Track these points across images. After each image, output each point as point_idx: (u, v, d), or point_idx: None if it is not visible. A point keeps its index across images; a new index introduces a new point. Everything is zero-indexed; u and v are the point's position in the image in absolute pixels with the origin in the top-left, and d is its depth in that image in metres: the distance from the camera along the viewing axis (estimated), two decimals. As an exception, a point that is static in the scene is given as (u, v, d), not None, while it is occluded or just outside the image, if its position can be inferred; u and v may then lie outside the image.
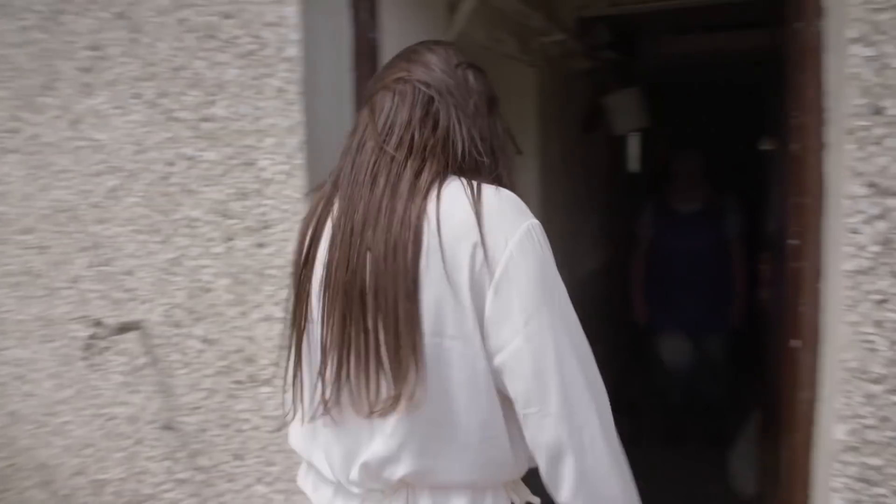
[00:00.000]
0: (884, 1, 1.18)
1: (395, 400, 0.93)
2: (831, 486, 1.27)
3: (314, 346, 1.03)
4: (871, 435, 1.24)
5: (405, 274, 0.91)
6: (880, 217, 1.21)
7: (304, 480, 1.16)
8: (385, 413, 0.95)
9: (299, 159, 1.58)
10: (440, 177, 0.98)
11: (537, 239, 0.95)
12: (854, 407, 1.24)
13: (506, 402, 0.97)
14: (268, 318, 1.66)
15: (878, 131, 1.20)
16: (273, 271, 1.64)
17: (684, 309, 3.60)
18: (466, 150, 1.01)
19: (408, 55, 1.09)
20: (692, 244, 3.52)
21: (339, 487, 1.06)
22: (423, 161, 0.98)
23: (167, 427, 1.80)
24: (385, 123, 1.02)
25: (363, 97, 1.12)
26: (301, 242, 1.07)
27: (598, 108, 3.70)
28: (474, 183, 0.96)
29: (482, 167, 1.03)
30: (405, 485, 1.00)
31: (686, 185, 3.53)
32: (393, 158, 0.98)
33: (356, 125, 1.08)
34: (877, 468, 1.24)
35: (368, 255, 0.94)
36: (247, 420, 1.72)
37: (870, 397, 1.23)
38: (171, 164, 1.71)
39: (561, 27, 2.87)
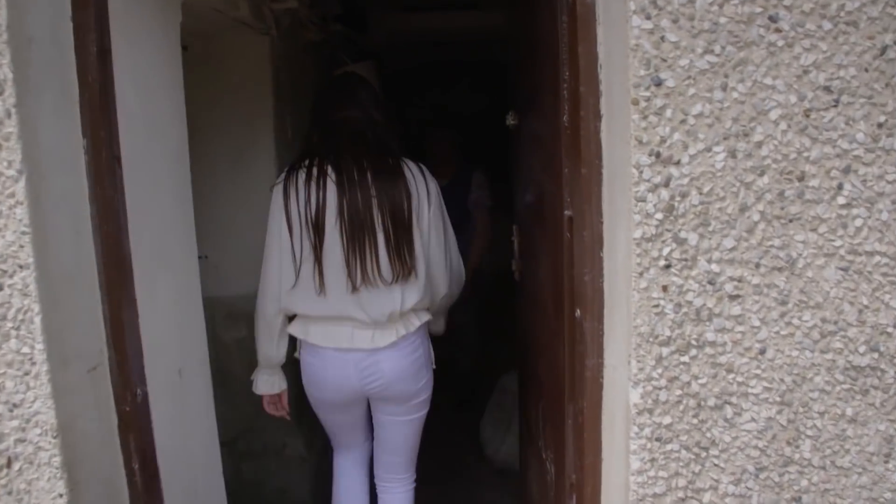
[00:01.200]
0: (659, -26, 1.20)
1: (409, 272, 1.92)
2: (630, 449, 1.30)
3: (333, 260, 1.89)
4: (663, 395, 1.29)
5: (401, 205, 1.90)
6: (664, 185, 1.25)
7: (296, 329, 2.03)
8: (404, 279, 1.92)
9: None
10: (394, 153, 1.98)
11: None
12: (647, 370, 1.29)
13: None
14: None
15: (659, 102, 1.23)
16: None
17: None
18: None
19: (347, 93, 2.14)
20: None
21: (358, 324, 1.94)
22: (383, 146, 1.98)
23: None
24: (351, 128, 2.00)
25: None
26: (307, 200, 1.89)
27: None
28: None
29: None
30: (396, 315, 1.94)
31: (435, 162, 3.58)
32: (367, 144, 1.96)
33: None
34: (667, 426, 1.30)
35: (374, 199, 1.89)
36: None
37: (659, 359, 1.29)
38: None
39: (292, -6, 2.66)
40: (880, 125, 1.22)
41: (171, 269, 1.72)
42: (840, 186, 1.24)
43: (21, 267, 1.24)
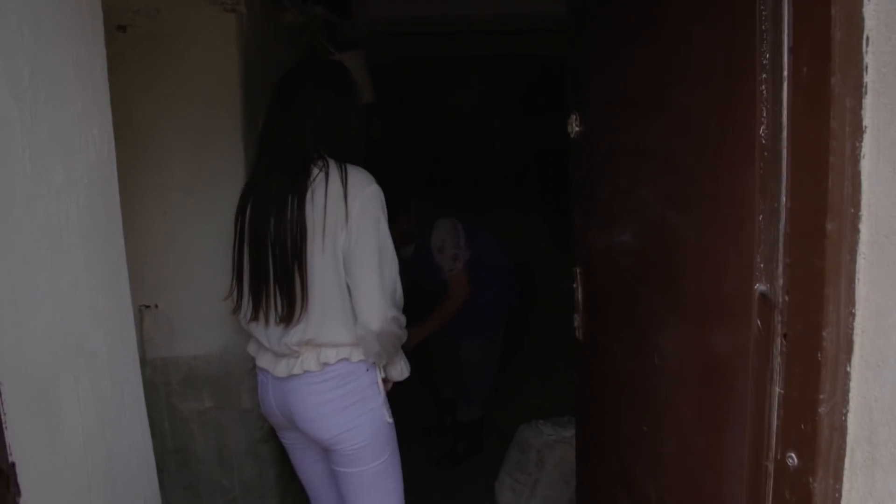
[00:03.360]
0: None
1: (292, 313, 1.66)
2: None
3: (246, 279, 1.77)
4: None
5: (295, 235, 1.62)
6: None
7: (251, 348, 1.87)
8: (287, 322, 1.67)
9: None
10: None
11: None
12: None
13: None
14: None
15: None
16: None
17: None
18: None
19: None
20: None
21: (271, 352, 1.75)
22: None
23: None
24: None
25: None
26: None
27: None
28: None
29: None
30: (307, 345, 1.68)
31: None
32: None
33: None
34: None
35: (271, 227, 1.66)
36: None
37: None
38: None
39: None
40: None
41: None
42: None
43: None
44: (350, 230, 1.60)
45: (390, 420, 1.76)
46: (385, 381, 1.81)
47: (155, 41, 1.94)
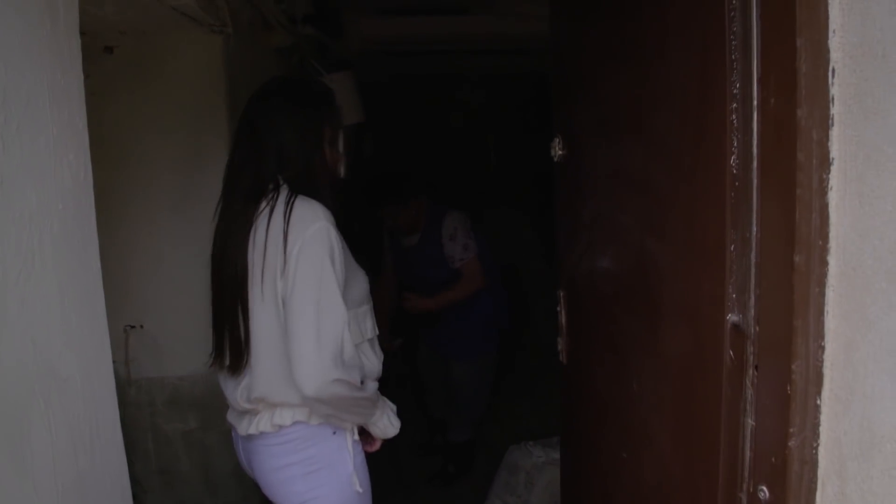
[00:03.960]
0: None
1: (236, 362, 1.47)
2: None
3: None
4: None
5: (233, 275, 1.45)
6: None
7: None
8: (234, 373, 1.49)
9: None
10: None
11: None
12: None
13: None
14: None
15: None
16: None
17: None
18: None
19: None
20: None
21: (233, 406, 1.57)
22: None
23: None
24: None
25: None
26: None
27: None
28: None
29: None
30: (261, 402, 1.47)
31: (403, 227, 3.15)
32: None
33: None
34: None
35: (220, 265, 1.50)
36: None
37: None
38: None
39: (253, -16, 2.03)
40: None
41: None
42: None
43: None
44: (286, 276, 1.37)
45: (361, 490, 1.52)
46: (368, 439, 1.61)
47: (142, 62, 1.95)
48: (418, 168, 4.02)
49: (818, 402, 0.78)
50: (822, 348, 0.78)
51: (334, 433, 1.50)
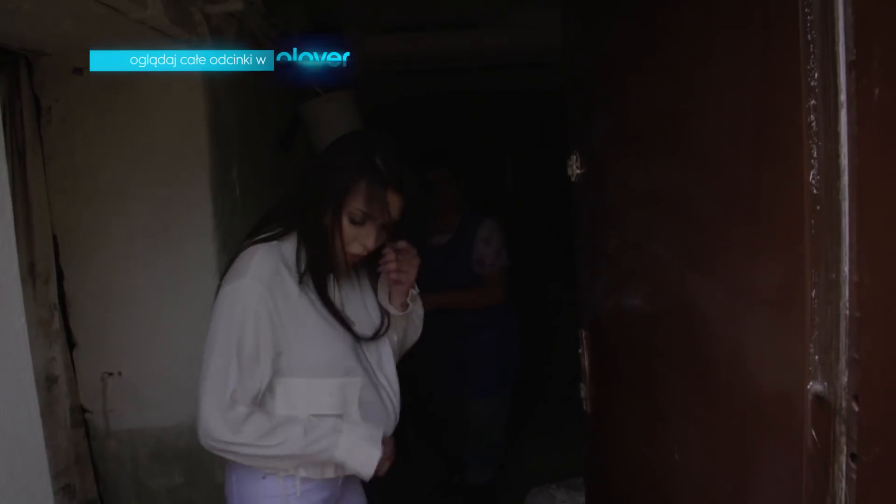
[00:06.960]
0: None
1: None
2: None
3: None
4: None
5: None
6: None
7: None
8: None
9: None
10: None
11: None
12: None
13: None
14: None
15: None
16: None
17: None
18: None
19: None
20: None
21: None
22: None
23: None
24: None
25: None
26: None
27: (295, 118, 2.73)
28: None
29: None
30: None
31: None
32: None
33: None
34: None
35: None
36: None
37: None
38: None
39: (238, -5, 1.85)
40: None
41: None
42: None
43: None
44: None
45: None
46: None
47: (114, 84, 1.77)
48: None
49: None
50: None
51: (263, 478, 1.35)
